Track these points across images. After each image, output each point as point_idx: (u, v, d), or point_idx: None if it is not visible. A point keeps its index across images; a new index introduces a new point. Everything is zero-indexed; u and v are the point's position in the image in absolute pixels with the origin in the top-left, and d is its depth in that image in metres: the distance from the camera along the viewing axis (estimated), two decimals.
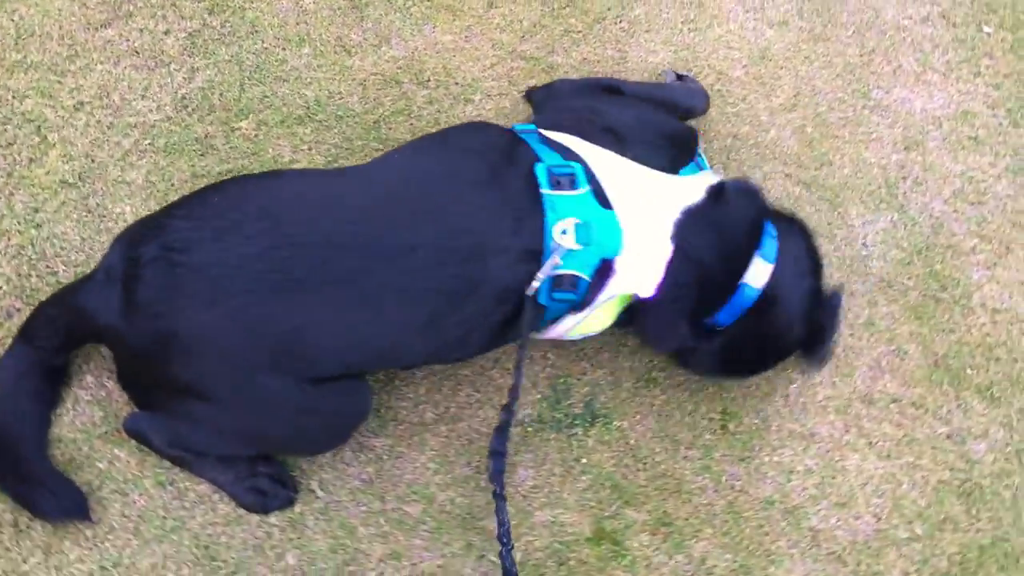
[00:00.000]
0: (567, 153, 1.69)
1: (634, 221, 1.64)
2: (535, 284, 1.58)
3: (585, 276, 1.62)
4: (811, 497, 1.93)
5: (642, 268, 1.65)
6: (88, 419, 1.76)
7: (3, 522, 1.67)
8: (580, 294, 1.64)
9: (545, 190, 1.61)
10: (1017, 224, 2.23)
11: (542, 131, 1.76)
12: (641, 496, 1.88)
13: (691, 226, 1.67)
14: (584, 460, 1.90)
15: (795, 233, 1.81)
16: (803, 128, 2.25)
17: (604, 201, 1.64)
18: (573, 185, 1.63)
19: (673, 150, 1.79)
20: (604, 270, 1.63)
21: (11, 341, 1.68)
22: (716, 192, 1.71)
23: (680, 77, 2.16)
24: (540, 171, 1.63)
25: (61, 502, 1.67)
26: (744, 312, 1.72)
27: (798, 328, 1.77)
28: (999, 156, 2.30)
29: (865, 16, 2.41)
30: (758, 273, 1.70)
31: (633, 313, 1.74)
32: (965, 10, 2.46)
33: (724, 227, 1.70)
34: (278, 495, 1.75)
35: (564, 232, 1.59)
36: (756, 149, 2.21)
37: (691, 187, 1.72)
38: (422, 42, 2.18)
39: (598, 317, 1.73)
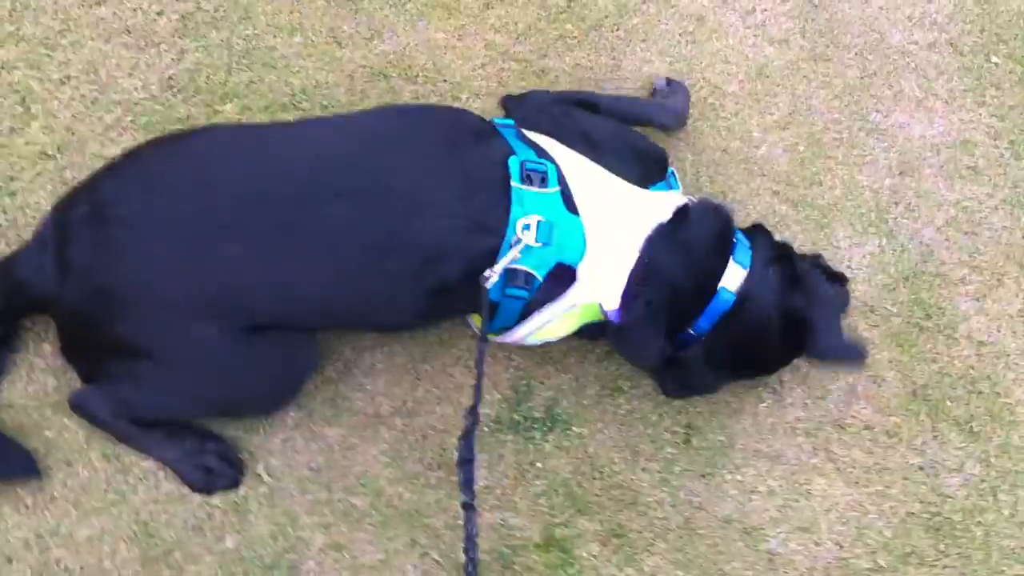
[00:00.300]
0: (542, 152, 1.68)
1: (600, 230, 1.62)
2: (493, 276, 1.56)
3: (538, 275, 1.60)
4: (771, 519, 1.87)
5: (605, 278, 1.63)
6: (41, 387, 1.75)
7: None
8: (531, 292, 1.61)
9: (515, 183, 1.59)
10: (1011, 257, 2.16)
11: (521, 129, 1.75)
12: (595, 505, 1.84)
13: (662, 242, 1.65)
14: (540, 465, 1.86)
15: (762, 235, 1.80)
16: (795, 147, 2.21)
17: (571, 205, 1.62)
18: (544, 183, 1.61)
19: (645, 165, 1.79)
20: (561, 275, 1.61)
21: None
22: (683, 210, 1.69)
23: (670, 83, 2.13)
24: (513, 163, 1.61)
25: (8, 464, 1.66)
26: (722, 316, 1.69)
27: (777, 322, 1.72)
28: (997, 187, 2.24)
29: (870, 39, 2.36)
30: (733, 277, 1.68)
31: (604, 329, 1.72)
32: (974, 39, 2.41)
33: (694, 243, 1.67)
34: (224, 474, 1.73)
35: (527, 228, 1.57)
36: (745, 164, 2.17)
37: (661, 203, 1.70)
38: (414, 38, 2.17)
39: (559, 325, 1.70)
